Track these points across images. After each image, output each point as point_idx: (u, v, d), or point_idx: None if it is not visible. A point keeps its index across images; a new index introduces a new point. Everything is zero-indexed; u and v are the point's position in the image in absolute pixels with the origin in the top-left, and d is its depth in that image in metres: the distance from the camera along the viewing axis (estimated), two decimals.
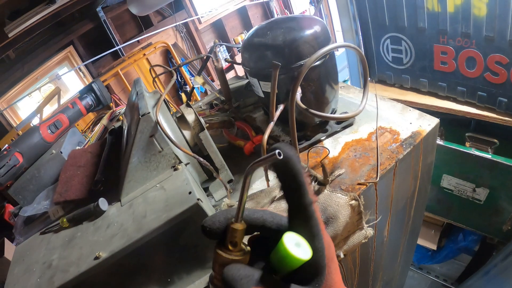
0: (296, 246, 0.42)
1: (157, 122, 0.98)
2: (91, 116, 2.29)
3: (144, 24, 4.96)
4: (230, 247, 0.45)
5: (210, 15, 5.46)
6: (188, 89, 4.79)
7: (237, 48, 1.75)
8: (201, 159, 1.04)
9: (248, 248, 0.47)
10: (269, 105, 0.97)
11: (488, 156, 2.03)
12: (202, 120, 1.19)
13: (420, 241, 3.15)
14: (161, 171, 1.03)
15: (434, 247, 3.19)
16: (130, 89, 4.45)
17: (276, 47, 1.07)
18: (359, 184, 1.04)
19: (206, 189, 1.17)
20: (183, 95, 4.88)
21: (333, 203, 0.98)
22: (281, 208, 1.02)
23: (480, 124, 2.11)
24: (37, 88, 4.31)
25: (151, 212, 0.91)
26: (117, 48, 4.63)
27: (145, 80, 4.71)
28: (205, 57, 1.43)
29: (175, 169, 1.02)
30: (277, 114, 0.99)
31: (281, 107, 1.03)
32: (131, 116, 1.15)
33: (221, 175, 1.17)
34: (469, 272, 3.04)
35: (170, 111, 1.25)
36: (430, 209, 2.78)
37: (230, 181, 1.20)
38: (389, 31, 2.07)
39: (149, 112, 0.99)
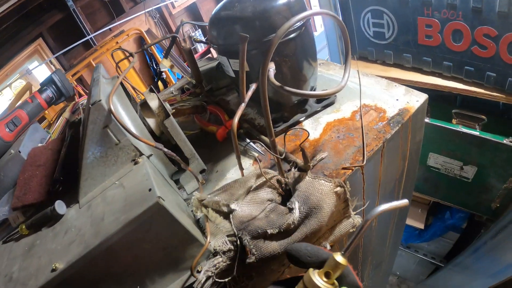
0: None
1: (110, 111, 0.85)
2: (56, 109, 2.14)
3: (116, 11, 4.75)
4: (323, 277, 0.51)
5: None
6: (165, 76, 4.61)
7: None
8: (165, 150, 0.93)
9: (337, 284, 0.52)
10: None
11: (476, 133, 1.97)
12: (167, 106, 1.07)
13: (407, 221, 3.13)
14: (120, 165, 0.91)
15: (421, 226, 3.19)
16: (116, 69, 4.32)
17: (245, 20, 0.95)
18: (344, 168, 0.94)
19: (177, 181, 1.07)
20: (160, 84, 4.70)
21: (316, 191, 0.87)
22: (258, 199, 0.91)
23: (467, 100, 2.04)
24: (8, 85, 4.10)
25: (109, 213, 0.79)
26: (88, 37, 4.43)
27: (119, 71, 4.55)
28: (171, 38, 1.31)
29: (136, 163, 0.90)
30: (248, 94, 0.87)
31: (253, 86, 0.92)
32: (87, 106, 1.03)
33: (192, 165, 1.06)
34: (457, 250, 3.03)
35: (130, 98, 1.13)
36: (416, 188, 2.73)
37: (202, 171, 1.10)
38: (370, 4, 1.95)
39: (100, 100, 0.86)
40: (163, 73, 4.59)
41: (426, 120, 2.03)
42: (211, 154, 1.16)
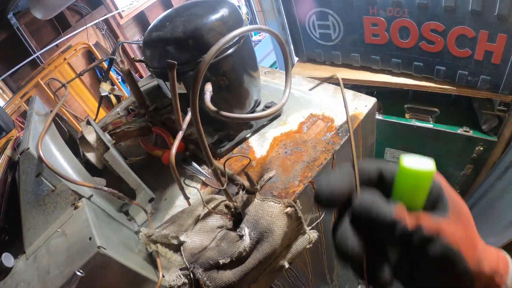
0: (415, 162, 0.40)
1: (40, 158, 0.79)
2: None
3: (61, 26, 4.55)
4: None
5: (132, 7, 5.10)
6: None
7: None
8: (105, 189, 0.87)
9: None
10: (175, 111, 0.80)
11: (430, 125, 2.00)
12: (106, 138, 1.02)
13: None
14: (60, 211, 0.84)
15: None
16: (54, 99, 4.16)
17: (176, 40, 0.91)
18: (293, 187, 0.91)
19: (127, 212, 1.01)
20: (113, 98, 4.56)
21: (266, 214, 0.84)
22: (207, 228, 0.87)
23: (419, 94, 2.05)
24: None
25: (54, 266, 0.73)
26: (34, 56, 4.24)
27: (71, 88, 4.38)
28: (108, 60, 1.25)
29: (75, 208, 0.84)
30: (186, 120, 0.83)
31: (189, 113, 0.88)
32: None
33: (139, 196, 1.02)
34: None
35: (67, 133, 1.06)
36: None
37: (151, 200, 1.05)
38: (314, 7, 1.93)
39: (28, 148, 0.80)
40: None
41: (379, 117, 2.04)
42: (160, 180, 1.11)
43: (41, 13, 3.69)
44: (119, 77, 4.62)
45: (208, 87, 0.87)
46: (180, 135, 0.80)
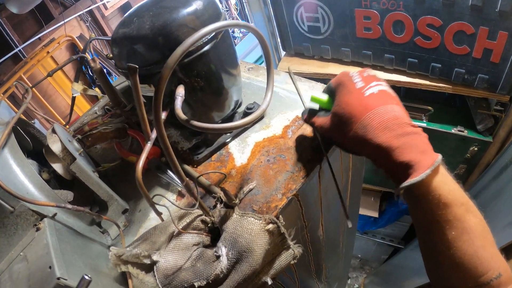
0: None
1: None
2: None
3: (44, 18, 4.40)
4: None
5: None
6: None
7: None
8: (69, 206, 0.79)
9: None
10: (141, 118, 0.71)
11: (424, 124, 1.95)
12: (73, 147, 0.93)
13: (362, 211, 3.18)
14: (22, 233, 0.76)
15: (376, 214, 3.23)
16: (38, 95, 4.04)
17: (143, 38, 0.80)
18: (275, 201, 0.83)
19: (100, 224, 0.94)
20: (98, 90, 4.43)
21: (245, 232, 0.76)
22: (182, 245, 0.79)
23: (411, 92, 1.98)
24: None
25: None
26: (16, 50, 4.11)
27: (54, 82, 4.27)
28: (79, 58, 1.15)
29: (37, 229, 0.75)
30: (155, 133, 0.73)
31: (163, 115, 0.79)
32: None
33: (111, 209, 0.94)
34: (413, 231, 3.05)
35: (30, 142, 0.97)
36: (367, 180, 2.73)
37: (124, 211, 0.96)
38: None
39: None
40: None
41: None
42: (134, 188, 1.02)
43: (16, 7, 3.59)
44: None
45: (180, 91, 0.78)
46: (148, 146, 0.71)
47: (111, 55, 1.14)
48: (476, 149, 1.91)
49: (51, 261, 0.66)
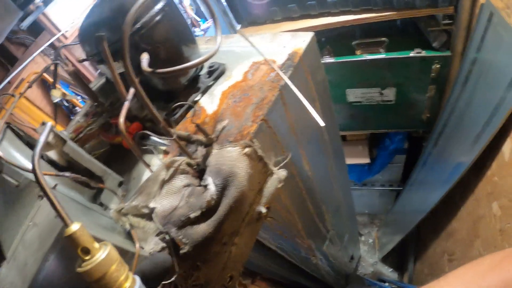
0: None
1: None
2: None
3: (8, 61, 4.44)
4: None
5: (74, 26, 4.97)
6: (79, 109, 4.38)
7: None
8: (67, 174, 0.87)
9: None
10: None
11: (382, 56, 2.02)
12: (62, 133, 1.02)
13: (352, 160, 3.24)
14: (29, 206, 0.84)
15: (367, 160, 3.28)
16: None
17: (106, 21, 0.93)
18: (246, 128, 0.92)
19: (101, 204, 1.01)
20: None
21: (226, 160, 0.85)
22: (174, 189, 0.88)
23: (365, 29, 2.07)
24: None
25: (30, 256, 0.75)
26: None
27: (33, 120, 4.31)
28: (53, 66, 1.24)
29: (42, 198, 0.84)
30: (131, 92, 0.81)
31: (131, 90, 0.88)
32: None
33: (107, 182, 1.01)
34: (408, 170, 3.14)
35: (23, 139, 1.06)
36: (347, 127, 2.80)
37: (120, 184, 1.05)
38: None
39: None
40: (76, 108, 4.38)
41: (331, 60, 2.05)
42: (126, 164, 1.11)
43: None
44: None
45: (144, 55, 0.87)
46: (126, 104, 0.80)
47: (81, 58, 1.23)
48: (438, 66, 1.99)
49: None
